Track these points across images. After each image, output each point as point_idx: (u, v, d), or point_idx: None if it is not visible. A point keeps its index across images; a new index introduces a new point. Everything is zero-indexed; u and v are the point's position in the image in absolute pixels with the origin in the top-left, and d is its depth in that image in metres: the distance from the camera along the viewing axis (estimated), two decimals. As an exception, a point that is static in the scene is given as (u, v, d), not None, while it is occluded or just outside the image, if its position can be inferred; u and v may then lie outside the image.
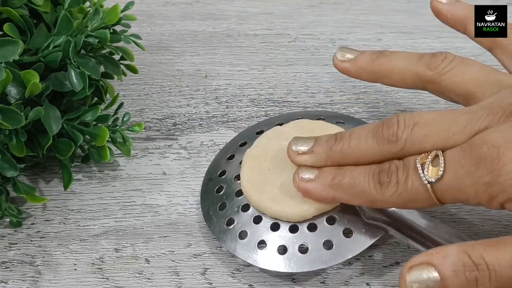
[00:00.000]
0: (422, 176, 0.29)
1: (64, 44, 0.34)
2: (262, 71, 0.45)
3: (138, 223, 0.37)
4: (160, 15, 0.49)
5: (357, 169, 0.31)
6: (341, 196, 0.32)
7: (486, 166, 0.28)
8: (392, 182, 0.30)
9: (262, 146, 0.36)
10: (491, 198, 0.28)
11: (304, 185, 0.32)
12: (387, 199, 0.30)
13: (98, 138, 0.36)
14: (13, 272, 0.35)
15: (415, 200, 0.30)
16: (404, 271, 0.28)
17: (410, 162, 0.30)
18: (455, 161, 0.29)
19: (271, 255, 0.33)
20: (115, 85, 0.41)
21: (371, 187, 0.31)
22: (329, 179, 0.32)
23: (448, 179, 0.29)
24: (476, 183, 0.28)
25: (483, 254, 0.27)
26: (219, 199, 0.36)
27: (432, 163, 0.29)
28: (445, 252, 0.28)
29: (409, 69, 0.34)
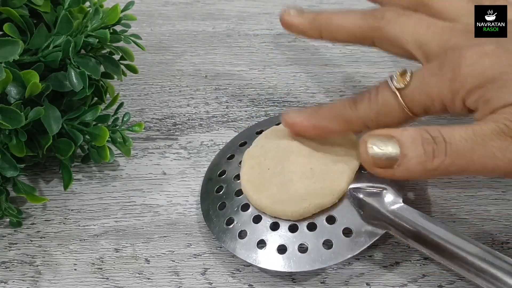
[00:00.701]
0: (391, 85, 0.31)
1: (64, 44, 0.34)
2: (262, 71, 0.45)
3: (138, 223, 0.37)
4: (160, 15, 0.49)
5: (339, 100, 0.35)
6: (320, 122, 0.34)
7: (449, 65, 0.30)
8: (365, 98, 0.32)
9: (261, 145, 0.36)
10: (453, 94, 0.29)
11: (290, 119, 0.35)
12: (360, 115, 0.32)
13: (98, 138, 0.36)
14: (13, 272, 0.35)
15: (387, 111, 0.31)
16: (364, 138, 0.30)
17: (381, 82, 0.32)
18: (422, 68, 0.31)
19: (271, 254, 0.33)
20: (115, 85, 0.41)
21: (346, 107, 0.33)
22: (309, 110, 0.34)
23: (415, 83, 0.31)
24: (440, 80, 0.30)
25: (440, 130, 0.29)
26: (219, 199, 0.36)
27: (400, 74, 0.31)
28: (403, 127, 0.30)
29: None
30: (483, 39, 0.31)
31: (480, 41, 0.30)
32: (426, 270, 0.34)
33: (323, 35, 0.37)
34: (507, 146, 0.28)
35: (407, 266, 0.35)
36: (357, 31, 0.35)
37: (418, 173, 0.29)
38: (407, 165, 0.29)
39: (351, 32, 0.35)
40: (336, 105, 0.34)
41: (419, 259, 0.35)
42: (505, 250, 0.35)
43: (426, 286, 0.34)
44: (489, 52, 0.29)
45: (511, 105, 0.28)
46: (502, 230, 0.36)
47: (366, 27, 0.35)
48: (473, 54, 0.29)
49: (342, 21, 0.36)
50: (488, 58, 0.29)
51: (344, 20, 0.36)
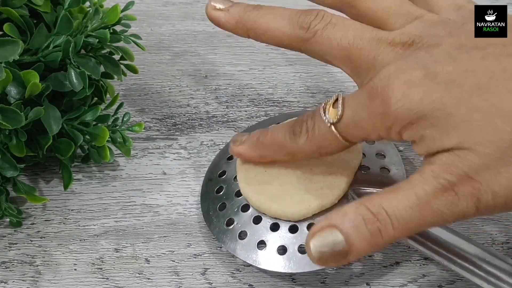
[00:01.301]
0: (325, 119, 0.30)
1: (64, 44, 0.34)
2: (262, 71, 0.45)
3: (138, 223, 0.37)
4: (160, 15, 0.49)
5: (277, 127, 0.33)
6: (265, 153, 0.34)
7: (378, 97, 0.28)
8: (303, 130, 0.31)
9: None
10: (387, 129, 0.29)
11: (236, 149, 0.34)
12: (302, 148, 0.32)
13: (98, 138, 0.36)
14: (13, 272, 0.35)
15: (325, 144, 0.31)
16: (308, 239, 0.28)
17: (316, 110, 0.31)
18: (353, 98, 0.30)
19: (271, 255, 0.33)
20: (115, 85, 0.41)
21: (287, 139, 0.32)
22: (254, 140, 0.34)
23: (347, 116, 0.30)
24: (371, 115, 0.29)
25: (381, 203, 0.27)
26: (219, 200, 0.36)
27: (333, 105, 0.30)
28: (343, 211, 0.28)
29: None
30: (410, 56, 0.29)
31: (407, 63, 0.29)
32: (426, 270, 0.34)
33: (250, 35, 0.35)
34: (452, 201, 0.27)
35: (407, 266, 0.35)
36: (283, 39, 0.33)
37: (369, 251, 0.28)
38: (357, 251, 0.27)
39: (277, 38, 0.33)
40: (278, 135, 0.33)
41: (419, 259, 0.35)
42: (505, 250, 0.35)
43: (426, 286, 0.34)
44: (417, 81, 0.28)
45: (446, 151, 0.27)
46: (502, 230, 0.36)
47: (293, 36, 0.33)
48: (401, 85, 0.28)
49: (269, 24, 0.33)
50: (417, 90, 0.27)
51: (271, 23, 0.33)
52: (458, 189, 0.27)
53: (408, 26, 0.31)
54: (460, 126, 0.27)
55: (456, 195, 0.27)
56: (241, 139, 0.35)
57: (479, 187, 0.27)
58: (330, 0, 0.35)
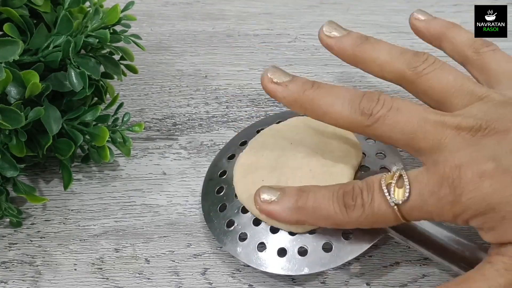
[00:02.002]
0: (389, 199, 0.29)
1: (64, 44, 0.34)
2: (262, 71, 0.45)
3: (138, 223, 0.37)
4: (160, 15, 0.49)
5: (320, 191, 0.31)
6: (305, 220, 0.31)
7: (449, 186, 0.28)
8: (357, 204, 0.30)
9: (254, 151, 0.36)
10: (455, 216, 0.29)
11: (267, 208, 0.32)
12: (353, 222, 0.30)
13: (98, 138, 0.36)
14: (13, 272, 0.35)
15: (382, 221, 0.30)
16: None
17: (374, 183, 0.30)
18: (419, 181, 0.29)
19: (271, 257, 0.33)
20: (115, 85, 0.41)
21: (336, 210, 0.30)
22: (292, 202, 0.31)
23: (413, 199, 0.29)
24: (440, 202, 0.28)
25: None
26: (219, 200, 0.36)
27: (397, 184, 0.29)
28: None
29: (390, 64, 0.34)
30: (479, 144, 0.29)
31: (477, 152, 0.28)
32: (426, 270, 0.34)
33: (308, 114, 0.33)
34: None
35: (407, 266, 0.35)
36: (343, 123, 0.32)
37: None
38: None
39: (337, 122, 0.32)
40: (322, 202, 0.31)
41: (419, 259, 0.35)
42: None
43: (426, 286, 0.34)
44: (489, 173, 0.28)
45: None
46: (502, 230, 0.36)
47: (354, 122, 0.31)
48: (473, 176, 0.28)
49: (328, 108, 0.32)
50: (489, 182, 0.27)
51: (331, 107, 0.32)
52: None
53: (472, 108, 0.31)
54: None
55: None
56: (272, 197, 0.32)
57: None
58: (391, 76, 0.34)
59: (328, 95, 0.32)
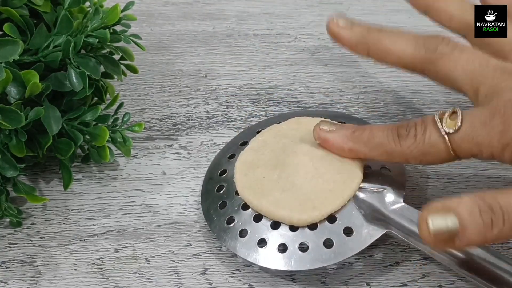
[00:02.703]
0: (441, 128, 0.31)
1: (64, 44, 0.34)
2: (262, 71, 0.45)
3: (138, 223, 0.37)
4: (160, 15, 0.49)
5: (377, 126, 0.33)
6: (358, 148, 0.33)
7: (499, 115, 0.29)
8: (410, 134, 0.32)
9: (255, 149, 0.36)
10: (503, 147, 0.29)
11: (324, 135, 0.34)
12: (404, 151, 0.32)
13: (98, 138, 0.36)
14: (13, 272, 0.35)
15: (432, 152, 0.31)
16: (424, 214, 0.28)
17: (428, 117, 0.32)
18: (472, 114, 0.30)
19: (271, 253, 0.33)
20: (115, 85, 0.41)
21: (389, 139, 0.32)
22: (349, 132, 0.34)
23: (465, 129, 0.30)
24: (490, 132, 0.30)
25: (497, 197, 0.28)
26: (219, 198, 0.36)
27: (450, 117, 0.31)
28: (459, 198, 0.29)
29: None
30: None
31: None
32: (426, 270, 0.34)
33: (371, 54, 0.36)
34: None
35: (407, 266, 0.35)
36: (407, 59, 0.34)
37: (478, 243, 0.29)
38: (467, 237, 0.28)
39: (400, 59, 0.34)
40: (377, 133, 0.33)
41: (419, 259, 0.35)
42: (505, 250, 0.35)
43: (426, 286, 0.34)
44: None
45: None
46: (502, 230, 0.36)
47: (418, 57, 0.34)
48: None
49: (392, 45, 0.34)
50: None
51: (394, 44, 0.34)
52: None
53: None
54: None
55: None
56: (331, 127, 0.34)
57: None
58: (456, 24, 0.35)
59: (394, 36, 0.35)
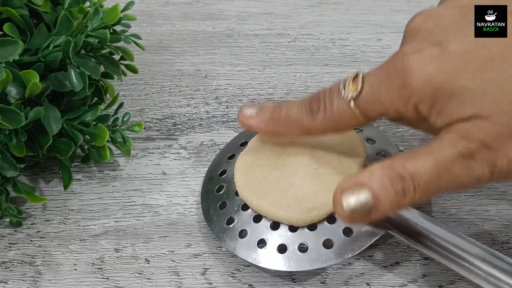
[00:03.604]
0: (343, 94, 0.31)
1: (64, 44, 0.34)
2: (262, 71, 0.45)
3: (138, 223, 0.37)
4: (160, 15, 0.49)
5: (293, 103, 0.33)
6: (280, 129, 0.34)
7: (397, 72, 0.29)
8: (321, 108, 0.32)
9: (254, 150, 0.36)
10: (405, 102, 0.29)
11: (247, 121, 0.35)
12: (319, 125, 0.32)
13: (98, 138, 0.36)
14: (13, 272, 0.35)
15: (343, 120, 0.32)
16: (337, 195, 0.29)
17: (334, 86, 0.32)
18: (371, 74, 0.31)
19: (271, 254, 0.33)
20: (115, 85, 0.41)
21: (303, 115, 0.33)
22: (268, 115, 0.34)
23: (366, 91, 0.30)
24: (390, 89, 0.30)
25: (405, 165, 0.29)
26: (219, 198, 0.36)
27: (352, 82, 0.31)
28: (370, 170, 0.29)
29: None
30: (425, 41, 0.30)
31: (422, 42, 0.30)
32: (426, 270, 0.34)
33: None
34: (468, 166, 0.28)
35: (407, 266, 0.35)
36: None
37: (392, 211, 0.30)
38: (381, 209, 0.29)
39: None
40: (292, 111, 0.33)
41: (419, 259, 0.35)
42: (505, 250, 0.35)
43: (426, 286, 0.34)
44: (433, 56, 0.29)
45: (464, 120, 0.28)
46: (502, 230, 0.36)
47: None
48: (417, 60, 0.29)
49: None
50: (433, 64, 0.29)
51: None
52: (475, 155, 0.28)
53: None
54: (476, 98, 0.28)
55: (473, 160, 0.28)
56: (252, 112, 0.35)
57: (495, 154, 0.28)
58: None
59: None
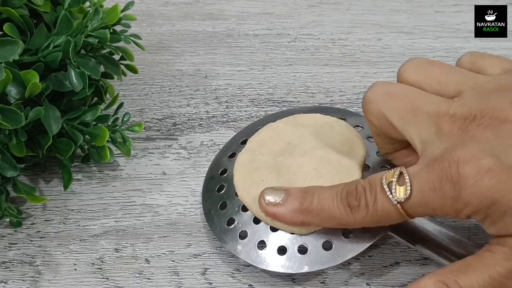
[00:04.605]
0: (391, 197, 0.29)
1: (64, 44, 0.34)
2: (262, 71, 0.45)
3: (138, 223, 0.37)
4: (160, 15, 0.49)
5: (324, 192, 0.31)
6: (310, 221, 0.32)
7: (449, 182, 0.28)
8: (361, 204, 0.30)
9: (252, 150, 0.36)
10: (457, 212, 0.29)
11: (272, 210, 0.32)
12: (359, 222, 0.31)
13: (98, 138, 0.36)
14: (13, 272, 0.35)
15: (386, 219, 0.30)
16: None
17: (376, 182, 0.30)
18: (420, 177, 0.29)
19: (271, 255, 0.33)
20: (115, 85, 0.41)
21: (341, 211, 0.31)
22: (297, 204, 0.32)
23: (416, 196, 0.29)
24: (441, 198, 0.29)
25: (458, 280, 0.28)
26: (220, 199, 0.36)
27: (398, 182, 0.29)
28: (422, 284, 0.29)
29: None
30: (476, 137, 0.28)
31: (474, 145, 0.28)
32: (426, 270, 0.34)
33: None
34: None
35: (407, 266, 0.35)
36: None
37: None
38: None
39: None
40: (327, 203, 0.31)
41: (419, 259, 0.35)
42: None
43: (426, 286, 0.34)
44: (489, 168, 0.27)
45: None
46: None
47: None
48: (471, 171, 0.28)
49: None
50: (488, 177, 0.27)
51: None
52: None
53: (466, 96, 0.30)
54: None
55: None
56: (276, 199, 0.32)
57: None
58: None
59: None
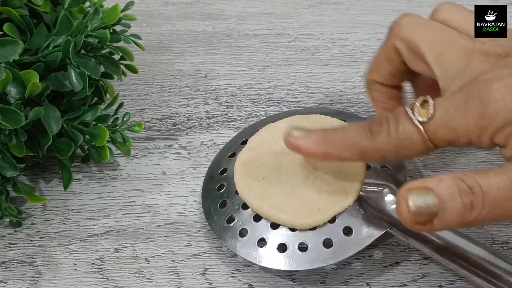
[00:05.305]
0: (413, 117, 0.29)
1: (64, 44, 0.34)
2: (262, 71, 0.45)
3: (138, 223, 0.37)
4: (160, 15, 0.49)
5: (349, 126, 0.32)
6: (331, 150, 0.31)
7: (475, 98, 0.28)
8: (383, 129, 0.30)
9: (253, 149, 0.36)
10: (481, 131, 0.28)
11: (295, 141, 0.32)
12: (379, 147, 0.30)
13: (98, 138, 0.36)
14: (13, 272, 0.35)
15: (407, 144, 0.29)
16: (404, 193, 0.28)
17: (400, 109, 0.30)
18: (444, 99, 0.29)
19: (271, 253, 0.33)
20: (115, 85, 0.41)
21: (362, 136, 0.30)
22: (320, 135, 0.32)
23: (439, 117, 0.29)
24: (466, 115, 0.28)
25: (476, 178, 0.27)
26: (220, 197, 0.36)
27: (422, 106, 0.29)
28: (438, 178, 0.28)
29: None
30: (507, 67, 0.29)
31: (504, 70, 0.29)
32: (426, 270, 0.34)
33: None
34: None
35: (407, 266, 0.35)
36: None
37: (456, 225, 0.28)
38: (446, 219, 0.27)
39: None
40: (349, 132, 0.31)
41: (419, 259, 0.35)
42: (505, 250, 0.35)
43: (426, 286, 0.34)
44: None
45: None
46: (502, 230, 0.36)
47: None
48: (500, 87, 0.28)
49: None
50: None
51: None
52: None
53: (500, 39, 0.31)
54: None
55: None
56: (301, 133, 0.32)
57: None
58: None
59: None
